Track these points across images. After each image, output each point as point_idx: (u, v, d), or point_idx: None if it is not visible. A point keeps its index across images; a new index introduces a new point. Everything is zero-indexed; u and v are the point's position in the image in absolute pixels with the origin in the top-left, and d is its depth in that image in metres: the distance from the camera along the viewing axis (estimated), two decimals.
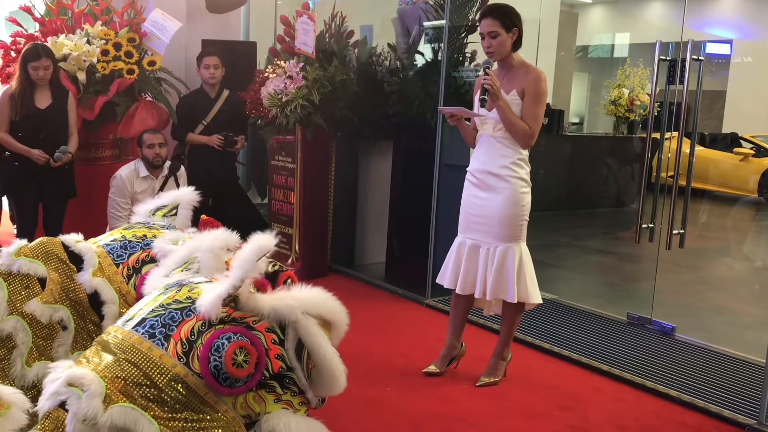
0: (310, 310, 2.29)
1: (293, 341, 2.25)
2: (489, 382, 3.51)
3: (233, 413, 2.15)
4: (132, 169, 4.62)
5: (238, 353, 2.12)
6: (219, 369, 2.10)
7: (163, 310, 2.23)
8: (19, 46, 5.02)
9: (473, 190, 3.45)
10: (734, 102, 10.00)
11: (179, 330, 2.16)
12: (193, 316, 2.19)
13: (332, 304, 2.42)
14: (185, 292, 2.29)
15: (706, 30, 9.52)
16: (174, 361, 2.11)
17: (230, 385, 2.12)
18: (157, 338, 2.15)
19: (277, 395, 2.22)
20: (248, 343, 2.15)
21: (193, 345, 2.13)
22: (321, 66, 5.10)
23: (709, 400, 3.38)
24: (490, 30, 3.28)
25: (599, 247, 7.29)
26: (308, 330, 2.26)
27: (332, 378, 2.33)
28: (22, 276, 2.66)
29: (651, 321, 4.44)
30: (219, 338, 2.13)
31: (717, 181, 9.05)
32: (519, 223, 3.37)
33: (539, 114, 3.32)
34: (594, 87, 12.15)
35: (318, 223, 5.46)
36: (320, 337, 2.28)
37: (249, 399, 2.17)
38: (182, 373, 2.09)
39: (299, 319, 2.25)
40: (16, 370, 2.56)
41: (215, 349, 2.11)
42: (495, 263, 3.36)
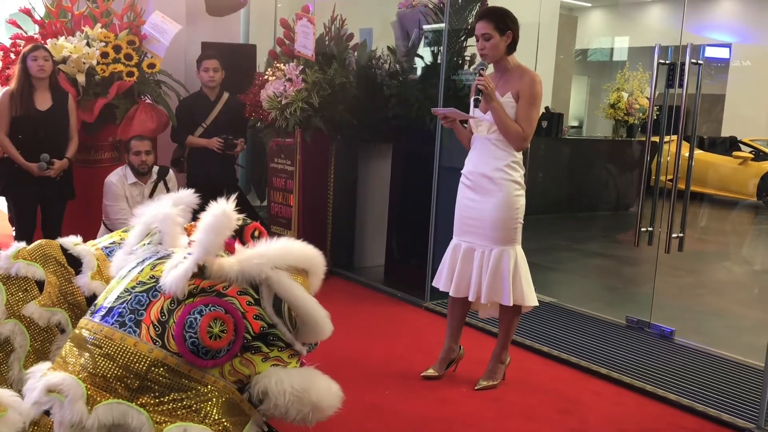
0: (279, 264, 2.26)
1: (269, 298, 2.22)
2: (488, 386, 3.51)
3: (223, 382, 2.12)
4: (121, 174, 4.60)
5: (213, 325, 2.09)
6: (197, 344, 2.08)
7: (129, 294, 2.20)
8: (18, 48, 5.02)
9: (467, 193, 3.46)
10: (733, 106, 10.02)
11: (148, 313, 2.13)
12: (160, 295, 2.16)
13: (301, 251, 2.39)
14: (147, 271, 2.25)
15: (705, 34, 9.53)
16: (150, 346, 2.08)
17: (212, 357, 2.09)
18: (128, 326, 2.12)
19: (264, 354, 2.19)
20: (222, 311, 2.12)
21: (165, 326, 2.10)
22: (320, 69, 5.10)
23: (707, 403, 3.38)
24: (484, 32, 3.29)
25: (598, 250, 7.29)
26: (281, 284, 2.23)
27: (315, 325, 2.30)
28: (20, 279, 2.66)
29: (650, 324, 4.44)
30: (191, 314, 2.10)
31: (716, 185, 9.05)
32: (513, 226, 3.37)
33: (533, 117, 3.33)
34: (593, 90, 12.16)
35: (317, 226, 5.46)
36: (295, 288, 2.25)
37: (236, 364, 2.14)
38: (161, 356, 2.07)
39: (270, 276, 2.22)
40: (13, 374, 2.55)
41: (189, 326, 2.08)
42: (490, 266, 3.36)
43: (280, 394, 2.14)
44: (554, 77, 9.55)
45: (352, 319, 4.55)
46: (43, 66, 4.36)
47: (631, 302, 5.20)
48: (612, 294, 5.69)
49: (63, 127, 4.54)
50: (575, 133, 11.63)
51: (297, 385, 2.17)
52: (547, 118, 8.68)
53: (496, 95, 3.28)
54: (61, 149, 4.52)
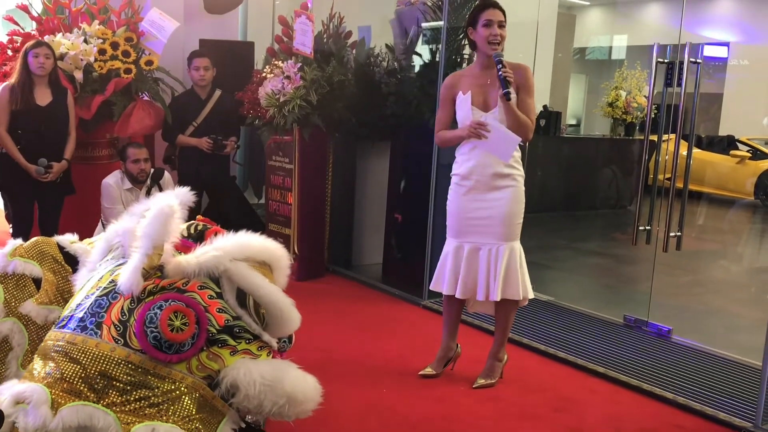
0: (237, 256, 2.26)
1: (231, 290, 2.22)
2: (486, 384, 3.51)
3: (191, 378, 2.11)
4: (117, 178, 4.55)
5: (173, 318, 2.10)
6: (159, 339, 2.08)
7: (88, 300, 2.21)
8: (16, 44, 5.00)
9: (470, 194, 3.40)
10: (731, 104, 10.03)
11: (109, 314, 2.14)
12: (120, 297, 2.17)
13: (260, 243, 2.38)
14: (107, 277, 2.27)
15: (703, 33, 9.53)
16: (112, 345, 2.08)
17: (177, 351, 2.09)
18: (89, 329, 2.13)
19: (232, 347, 2.18)
20: (182, 305, 2.12)
21: (126, 324, 2.11)
22: (319, 66, 5.09)
23: (705, 402, 3.38)
24: (501, 19, 3.29)
25: (596, 249, 7.29)
26: (241, 275, 2.23)
27: (281, 314, 2.29)
28: (17, 277, 2.65)
29: (647, 323, 4.44)
30: (150, 309, 2.11)
31: (713, 184, 9.06)
32: (519, 221, 3.40)
33: (534, 106, 3.39)
34: (591, 89, 12.17)
35: (315, 224, 5.46)
36: (255, 278, 2.25)
37: (203, 359, 2.14)
38: (123, 354, 2.07)
39: (228, 268, 2.22)
40: (11, 373, 2.55)
41: (149, 321, 2.09)
42: (503, 263, 3.34)
43: (250, 385, 2.11)
44: (552, 75, 9.54)
45: (349, 318, 4.55)
46: (43, 63, 4.35)
47: (628, 301, 5.20)
48: (610, 293, 5.69)
49: (62, 124, 4.52)
50: (573, 131, 11.64)
51: (267, 375, 2.15)
52: (545, 117, 8.68)
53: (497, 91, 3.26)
54: (60, 145, 4.51)
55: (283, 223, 5.47)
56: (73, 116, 4.60)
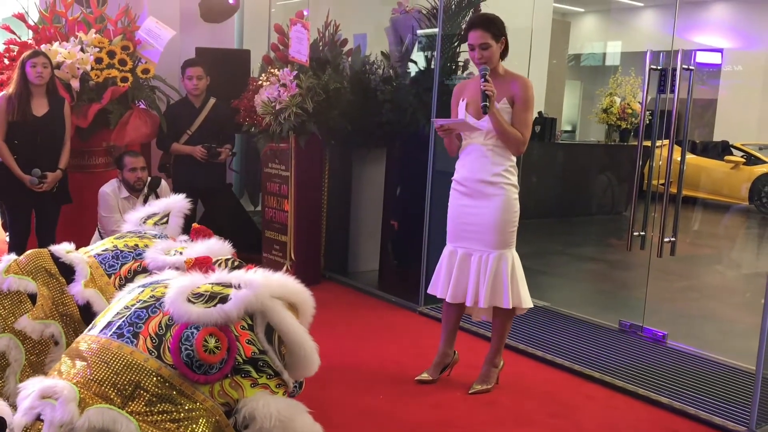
0: (276, 294, 2.31)
1: (262, 325, 2.27)
2: (481, 390, 3.53)
3: (211, 401, 2.15)
4: (114, 186, 4.56)
5: (208, 339, 2.14)
6: (192, 357, 2.12)
7: (128, 310, 2.25)
8: (12, 53, 5.02)
9: (462, 200, 3.47)
10: (725, 110, 10.08)
11: (147, 326, 2.18)
12: (159, 312, 2.21)
13: (296, 286, 2.44)
14: (148, 292, 2.32)
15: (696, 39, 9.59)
16: (146, 356, 2.12)
17: (205, 372, 2.13)
18: (126, 337, 2.17)
19: (253, 380, 2.23)
20: (217, 329, 2.17)
21: (162, 338, 2.15)
22: (315, 74, 5.12)
23: (699, 407, 3.40)
24: (482, 42, 3.32)
25: (591, 254, 7.32)
26: (276, 312, 2.28)
27: (305, 356, 2.34)
28: (12, 294, 2.66)
29: (643, 328, 4.46)
30: (188, 328, 2.16)
31: (708, 189, 9.10)
32: (511, 229, 3.40)
33: (530, 121, 3.38)
34: (586, 95, 12.23)
35: (311, 231, 5.47)
36: (288, 317, 2.30)
37: (225, 386, 2.18)
38: (155, 366, 2.11)
39: (266, 303, 2.27)
40: (9, 388, 2.56)
41: (185, 339, 2.14)
42: (489, 270, 3.38)
43: (266, 418, 2.16)
44: (547, 82, 9.59)
45: (346, 324, 4.56)
46: (41, 73, 4.37)
47: (623, 306, 5.22)
48: (605, 298, 5.72)
49: (59, 133, 4.54)
50: (568, 137, 11.69)
51: (283, 411, 2.21)
52: (539, 123, 8.71)
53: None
54: (55, 156, 4.52)
55: (279, 230, 5.48)
56: (69, 126, 4.61)
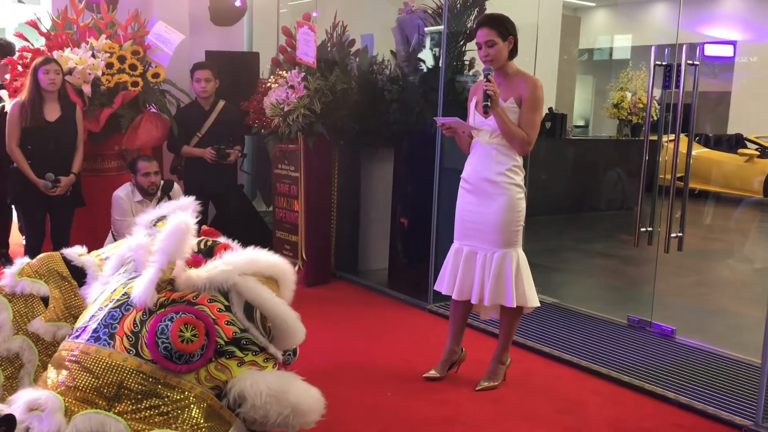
0: (246, 271, 2.34)
1: (239, 304, 2.29)
2: (489, 386, 3.56)
3: (200, 388, 2.18)
4: (128, 190, 4.62)
5: (184, 329, 2.17)
6: (169, 349, 2.15)
7: (102, 312, 2.28)
8: (26, 60, 5.11)
9: (468, 198, 3.51)
10: (739, 103, 10.00)
11: (122, 326, 2.21)
12: (132, 309, 2.24)
13: (268, 259, 2.45)
14: (120, 290, 2.34)
15: (708, 32, 9.52)
16: (124, 356, 2.15)
17: (186, 362, 2.16)
18: (102, 339, 2.20)
19: (239, 359, 2.25)
20: (192, 317, 2.19)
21: (138, 335, 2.18)
22: (322, 75, 5.16)
23: (706, 401, 3.41)
24: (488, 39, 3.34)
25: (601, 250, 7.30)
26: (249, 288, 2.30)
27: (287, 327, 2.36)
28: (26, 296, 2.73)
29: (651, 324, 4.47)
30: (161, 321, 2.18)
31: (721, 183, 9.04)
32: (515, 229, 3.42)
33: (536, 121, 3.38)
34: (599, 90, 12.18)
35: (321, 230, 5.52)
36: (263, 292, 2.32)
37: (212, 370, 2.20)
38: (135, 364, 2.14)
39: (237, 282, 2.29)
40: (23, 388, 2.61)
41: (160, 332, 2.16)
42: (493, 269, 3.41)
43: (257, 395, 2.18)
44: (558, 78, 9.57)
45: (355, 322, 4.61)
46: (54, 79, 4.45)
47: (632, 302, 5.22)
48: (613, 294, 5.72)
49: (71, 138, 4.62)
50: (581, 132, 11.65)
51: (273, 385, 2.21)
52: (550, 119, 8.70)
53: (499, 101, 3.33)
54: (68, 160, 4.60)
55: (289, 230, 5.53)
56: (82, 130, 4.69)
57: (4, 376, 2.59)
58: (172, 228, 2.34)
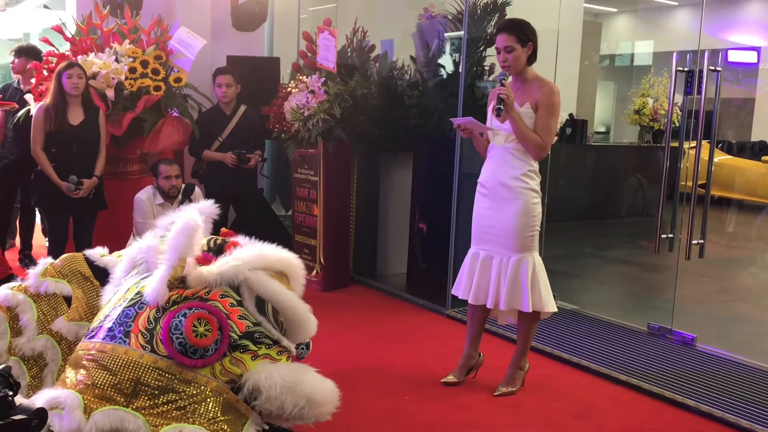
0: (256, 266, 2.36)
1: (251, 298, 2.32)
2: (507, 392, 3.55)
3: (215, 382, 2.20)
4: (150, 193, 4.69)
5: (197, 324, 2.20)
6: (184, 344, 2.18)
7: (116, 311, 2.32)
8: (51, 65, 5.19)
9: (484, 202, 3.52)
10: (763, 109, 9.88)
11: (136, 323, 2.25)
12: (146, 307, 2.28)
13: (277, 254, 2.47)
14: (133, 289, 2.38)
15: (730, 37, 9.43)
16: (140, 352, 2.19)
17: (201, 356, 2.19)
18: (118, 338, 2.24)
19: (253, 352, 2.27)
20: (205, 313, 2.23)
21: (152, 332, 2.22)
22: (342, 80, 5.19)
23: (726, 409, 3.37)
24: (506, 45, 3.35)
25: (621, 257, 7.25)
26: (260, 282, 2.33)
27: (299, 319, 2.39)
28: (49, 296, 2.77)
29: (672, 331, 4.43)
30: (175, 317, 2.22)
31: (744, 190, 8.93)
32: (530, 234, 3.42)
33: (552, 126, 3.39)
34: (620, 96, 12.09)
35: (340, 235, 5.54)
36: (273, 285, 2.35)
37: (226, 364, 2.23)
38: (151, 360, 2.17)
39: (248, 276, 2.32)
40: (47, 387, 2.65)
41: (174, 328, 2.20)
42: (509, 274, 3.41)
43: (271, 387, 2.20)
44: (579, 83, 9.52)
45: (374, 327, 4.62)
46: (77, 84, 4.52)
47: (652, 309, 5.18)
48: (634, 301, 5.67)
49: (94, 141, 4.68)
50: (602, 139, 11.57)
51: (287, 377, 2.23)
52: (571, 125, 8.66)
53: (514, 106, 3.33)
54: (91, 163, 4.67)
55: (308, 235, 5.56)
56: (105, 134, 4.76)
57: (30, 376, 2.63)
58: (181, 226, 2.38)
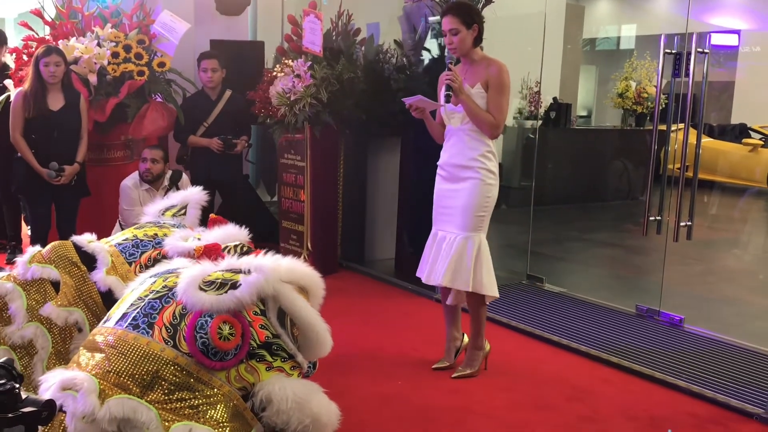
0: (284, 278, 2.35)
1: (274, 310, 2.31)
2: (465, 374, 3.55)
3: (228, 387, 2.20)
4: (136, 179, 4.67)
5: (222, 327, 2.19)
6: (207, 345, 2.17)
7: (141, 302, 2.30)
8: (31, 50, 5.08)
9: (444, 184, 3.56)
10: (743, 92, 9.98)
11: (161, 316, 2.23)
12: (172, 301, 2.26)
13: (305, 269, 2.48)
14: (160, 282, 2.36)
15: (712, 21, 9.48)
16: (162, 346, 2.17)
17: (220, 359, 2.18)
18: (141, 328, 2.22)
19: (268, 363, 2.27)
20: (231, 316, 2.21)
21: (177, 328, 2.20)
22: (328, 64, 5.14)
23: (717, 390, 3.41)
24: (451, 27, 3.37)
25: (607, 240, 7.30)
26: (286, 296, 2.32)
27: (317, 337, 2.38)
28: (37, 282, 2.73)
29: (660, 313, 4.47)
30: (202, 317, 2.20)
31: (726, 173, 9.03)
32: (481, 214, 3.44)
33: (504, 105, 3.41)
34: (602, 80, 12.14)
35: (328, 220, 5.51)
36: (298, 300, 2.34)
37: (241, 370, 2.23)
38: (172, 355, 2.16)
39: (278, 288, 2.30)
40: (37, 376, 2.61)
41: (200, 327, 2.18)
42: (453, 250, 3.43)
43: (283, 400, 2.21)
44: (562, 67, 9.54)
45: (363, 312, 4.61)
46: (54, 72, 4.43)
47: (640, 291, 5.22)
48: (622, 283, 5.71)
49: (75, 127, 4.60)
50: (584, 122, 11.62)
51: (299, 392, 2.25)
52: (555, 109, 8.68)
53: (465, 87, 3.35)
54: (73, 149, 4.59)
55: (295, 220, 5.52)
56: (86, 120, 4.68)
57: (21, 365, 2.59)
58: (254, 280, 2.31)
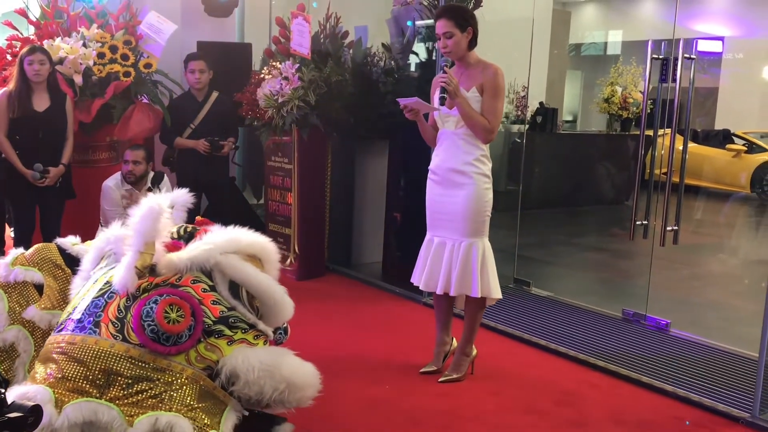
0: (228, 249, 2.32)
1: (224, 283, 2.28)
2: (451, 379, 3.54)
3: (191, 369, 2.16)
4: (118, 180, 4.62)
5: (169, 310, 2.15)
6: (156, 331, 2.14)
7: (85, 302, 2.27)
8: (15, 49, 5.02)
9: (436, 189, 3.52)
10: (726, 99, 10.07)
11: (106, 313, 2.20)
12: (115, 296, 2.23)
13: (249, 237, 2.43)
14: (102, 280, 2.33)
15: (697, 27, 9.56)
16: (111, 342, 2.14)
17: (174, 343, 2.15)
18: (88, 328, 2.19)
19: (229, 337, 2.23)
20: (177, 298, 2.18)
21: (123, 321, 2.17)
22: (316, 67, 5.12)
23: (703, 394, 3.42)
24: (445, 31, 3.35)
25: (594, 244, 7.33)
26: (232, 266, 2.29)
27: (275, 302, 2.34)
28: (19, 285, 2.69)
29: (646, 317, 4.48)
30: (146, 304, 2.17)
31: (710, 178, 9.11)
32: (482, 219, 3.43)
33: (498, 109, 3.40)
34: (587, 85, 12.21)
35: (315, 223, 5.49)
36: (247, 268, 2.30)
37: (201, 350, 2.19)
38: (123, 349, 2.13)
39: (219, 260, 2.28)
40: (18, 379, 2.58)
41: (146, 315, 2.15)
42: (459, 259, 3.42)
43: (249, 371, 2.16)
44: (548, 72, 9.58)
45: (351, 316, 4.59)
46: (38, 70, 4.38)
47: (626, 295, 5.24)
48: (608, 287, 5.73)
49: (60, 128, 4.55)
50: (569, 127, 11.68)
51: (266, 360, 2.19)
52: (541, 113, 8.71)
53: (460, 91, 3.33)
54: (58, 150, 4.54)
55: (282, 223, 5.50)
56: (72, 121, 4.63)
57: (3, 369, 2.55)
58: (144, 210, 2.32)
